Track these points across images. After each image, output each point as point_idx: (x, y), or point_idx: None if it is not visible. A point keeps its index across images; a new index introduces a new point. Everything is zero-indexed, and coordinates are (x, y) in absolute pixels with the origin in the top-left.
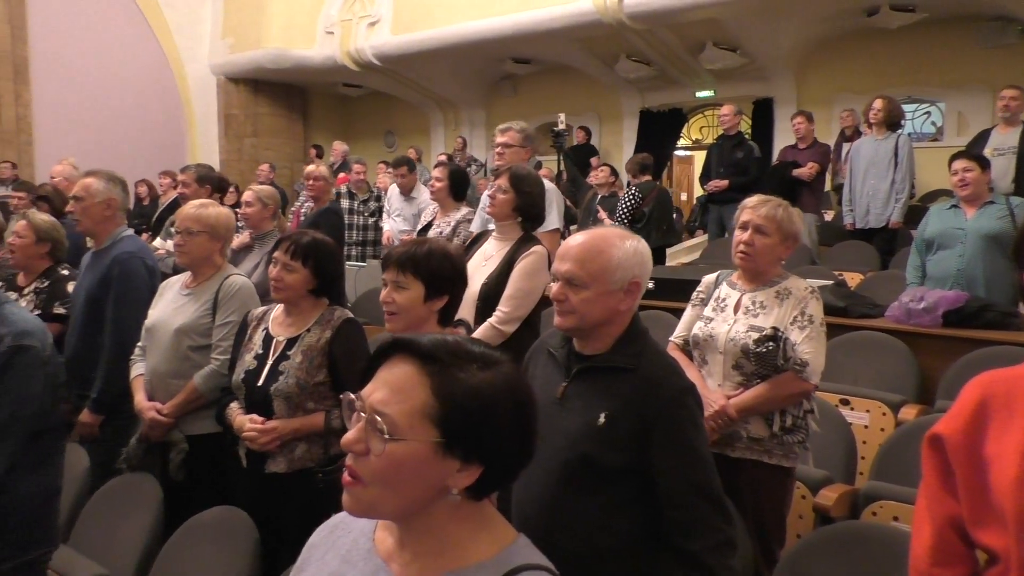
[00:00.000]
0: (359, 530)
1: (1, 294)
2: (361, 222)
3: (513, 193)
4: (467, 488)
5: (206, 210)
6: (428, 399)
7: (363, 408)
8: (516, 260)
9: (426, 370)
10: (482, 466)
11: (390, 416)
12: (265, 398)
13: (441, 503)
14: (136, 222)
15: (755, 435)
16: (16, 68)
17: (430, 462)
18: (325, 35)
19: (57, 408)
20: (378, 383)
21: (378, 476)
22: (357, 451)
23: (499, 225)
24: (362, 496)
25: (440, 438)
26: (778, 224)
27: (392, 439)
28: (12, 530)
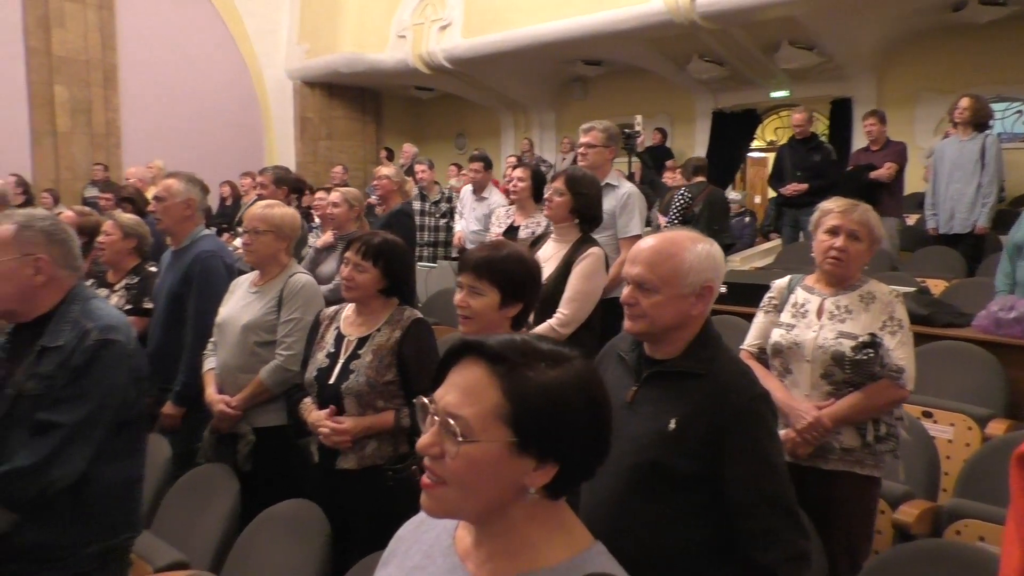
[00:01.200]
0: (442, 526)
1: (89, 290)
2: (432, 223)
3: (569, 195)
4: (545, 488)
5: (272, 210)
6: (499, 400)
7: (436, 411)
8: (574, 262)
9: (496, 371)
10: (558, 464)
11: (463, 419)
12: (336, 396)
13: (519, 503)
14: (219, 221)
15: (847, 445)
16: (106, 75)
17: (505, 462)
18: (397, 39)
19: (140, 400)
20: (449, 386)
21: (455, 478)
22: (432, 454)
23: (557, 227)
24: (441, 498)
25: (513, 438)
26: (869, 229)
27: (466, 441)
28: (98, 515)
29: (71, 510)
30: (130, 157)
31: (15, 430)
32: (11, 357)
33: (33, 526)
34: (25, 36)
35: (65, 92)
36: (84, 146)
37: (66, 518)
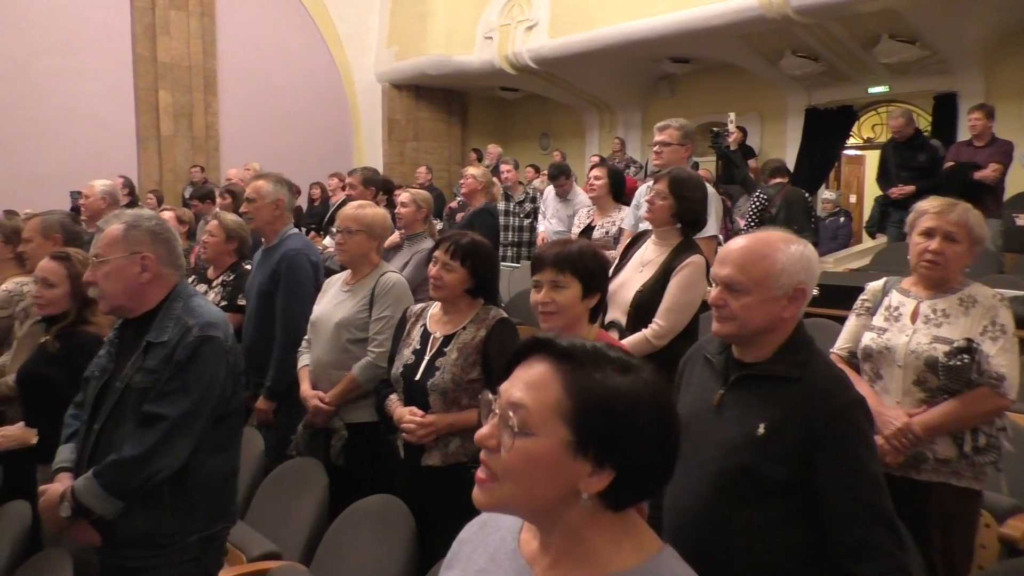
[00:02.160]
0: (506, 528)
1: (191, 288)
2: (516, 223)
3: (672, 199)
4: (601, 496)
5: (364, 210)
6: (561, 396)
7: (498, 405)
8: (673, 270)
9: (561, 368)
10: (614, 472)
11: (522, 412)
12: (422, 392)
13: (575, 508)
14: (308, 222)
15: (942, 456)
16: (206, 80)
17: (560, 462)
18: (484, 40)
19: (237, 394)
20: (514, 380)
21: (508, 472)
22: (490, 446)
23: (657, 231)
24: (492, 491)
25: (571, 437)
26: (968, 230)
27: (522, 434)
28: (198, 505)
29: (173, 499)
30: (228, 159)
31: (123, 422)
32: (119, 352)
33: (139, 514)
34: (133, 44)
35: (168, 97)
36: (185, 149)
37: (169, 507)
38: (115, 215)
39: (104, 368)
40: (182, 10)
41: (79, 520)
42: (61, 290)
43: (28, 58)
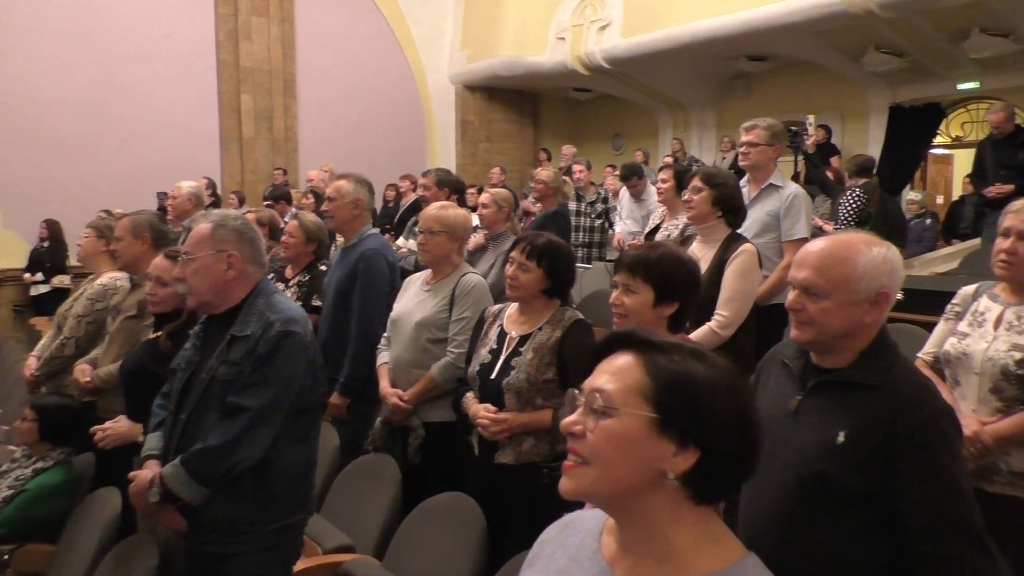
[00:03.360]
0: (587, 530)
1: (272, 285)
2: (587, 224)
3: (708, 189)
4: (687, 482)
5: (446, 211)
6: (642, 378)
7: (582, 398)
8: (726, 261)
9: (641, 353)
10: (699, 451)
11: (606, 392)
12: (497, 391)
13: (659, 496)
14: (382, 222)
15: (1017, 468)
16: (286, 83)
17: (644, 439)
18: (556, 41)
19: (316, 389)
20: (598, 373)
21: (595, 453)
22: (576, 432)
23: (702, 228)
24: (580, 476)
25: (653, 414)
26: None
27: (606, 414)
28: (278, 495)
29: (254, 489)
30: (306, 160)
31: (208, 412)
32: (205, 345)
33: (222, 502)
34: (217, 50)
35: (250, 101)
36: (266, 151)
37: (249, 496)
38: (203, 215)
39: (190, 360)
40: (263, 16)
41: (167, 506)
42: (172, 288)
43: (118, 64)
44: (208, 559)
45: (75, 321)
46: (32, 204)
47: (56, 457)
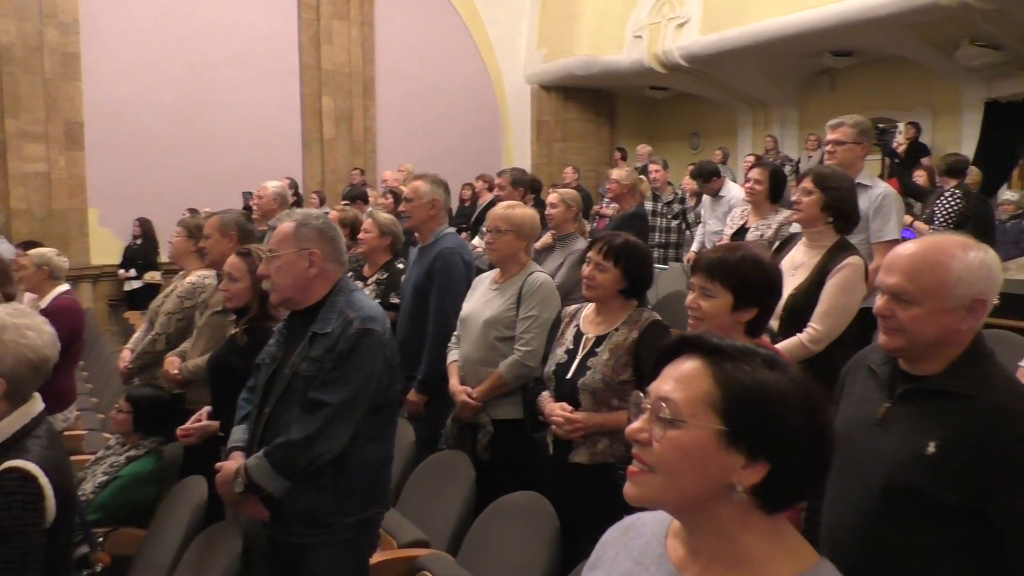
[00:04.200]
0: (651, 533)
1: (352, 283)
2: (664, 224)
3: (819, 192)
4: (756, 494)
5: (513, 210)
6: (711, 388)
7: (648, 402)
8: (829, 272)
9: (710, 361)
10: (768, 464)
11: (673, 402)
12: (572, 391)
13: (728, 506)
14: (458, 222)
15: None
16: (365, 85)
17: (712, 452)
18: (633, 39)
19: (393, 386)
20: (664, 378)
21: (661, 463)
22: (641, 440)
23: (808, 232)
24: (645, 484)
25: (722, 427)
26: None
27: (673, 424)
28: (356, 489)
29: (333, 482)
30: (384, 161)
31: (290, 406)
32: (288, 341)
33: (302, 494)
34: (300, 54)
35: (331, 103)
36: (345, 151)
37: (329, 489)
38: (287, 214)
39: (274, 356)
40: (344, 19)
41: (250, 496)
42: (243, 284)
43: (208, 68)
44: (289, 549)
45: (165, 318)
46: (126, 203)
47: (148, 446)
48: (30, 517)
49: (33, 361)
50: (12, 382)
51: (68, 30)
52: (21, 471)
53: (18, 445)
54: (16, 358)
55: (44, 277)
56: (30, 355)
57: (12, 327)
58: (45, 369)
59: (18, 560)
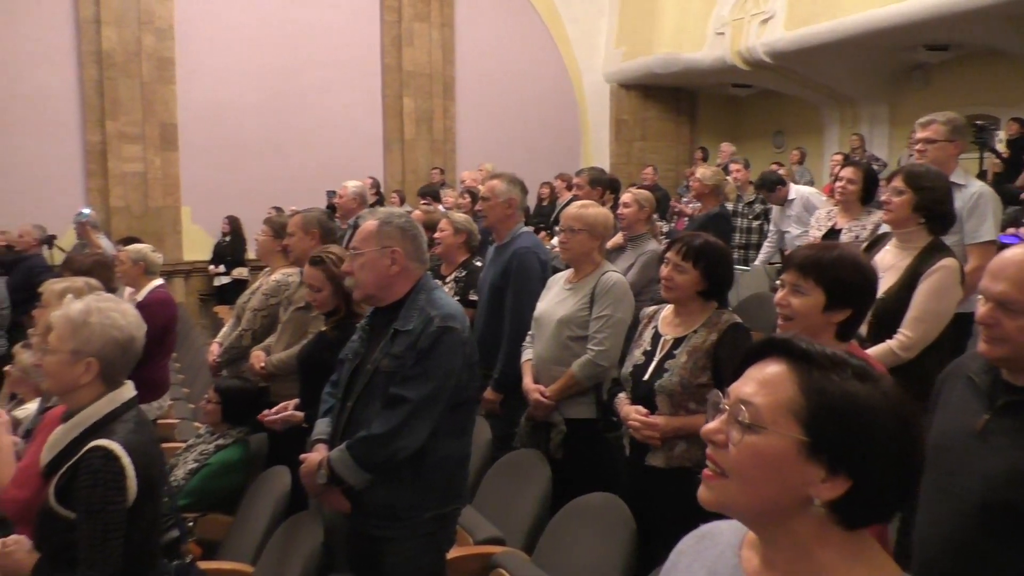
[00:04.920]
0: (726, 543)
1: (433, 282)
2: (745, 224)
3: (911, 192)
4: (835, 509)
5: (587, 210)
6: (795, 395)
7: (727, 404)
8: (921, 274)
9: (796, 367)
10: (850, 480)
11: (754, 406)
12: (649, 393)
13: (804, 518)
14: (536, 221)
15: None
16: (445, 86)
17: (790, 463)
18: (715, 36)
19: (472, 384)
20: (746, 379)
21: (736, 468)
22: (717, 441)
23: (899, 232)
24: (719, 489)
25: (804, 437)
26: None
27: (752, 429)
28: (434, 485)
29: (412, 477)
30: (463, 161)
31: (372, 401)
32: (370, 337)
33: (382, 487)
34: (382, 56)
35: (412, 103)
36: (425, 151)
37: (408, 484)
38: (370, 212)
39: (356, 352)
40: (425, 21)
41: (332, 487)
42: (326, 291)
43: (296, 71)
44: (368, 541)
45: (251, 314)
46: (216, 202)
47: (235, 436)
48: (112, 495)
49: (120, 341)
50: (104, 362)
51: (164, 36)
52: (105, 450)
53: (107, 427)
54: (104, 339)
55: (140, 272)
56: (117, 335)
57: (97, 310)
58: (133, 350)
59: (100, 535)
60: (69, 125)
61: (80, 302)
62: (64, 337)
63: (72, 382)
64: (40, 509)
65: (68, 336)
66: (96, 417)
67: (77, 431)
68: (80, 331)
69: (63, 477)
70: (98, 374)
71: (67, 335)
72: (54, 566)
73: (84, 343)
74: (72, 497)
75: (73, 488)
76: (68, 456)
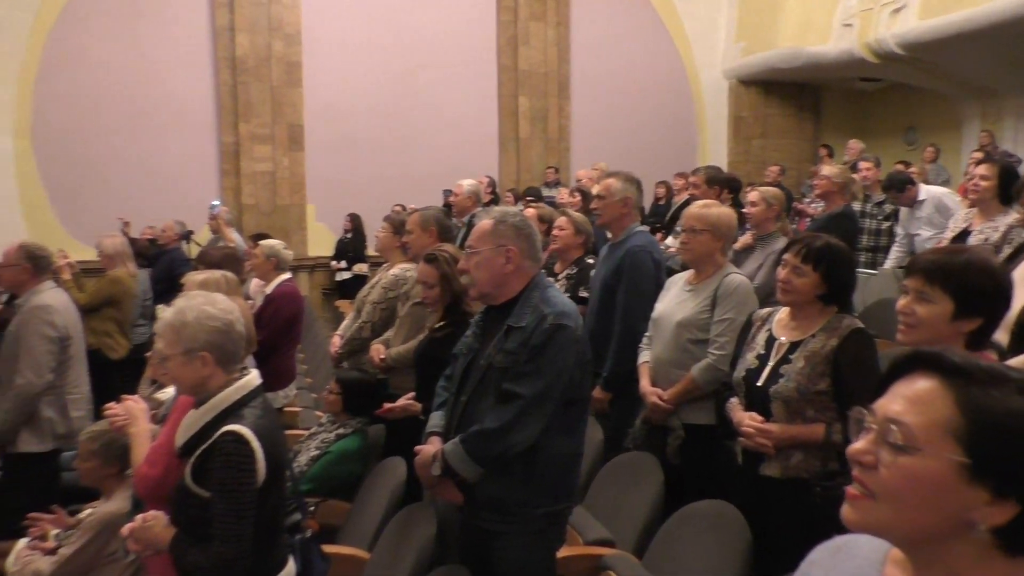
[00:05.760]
0: (864, 558)
1: (547, 279)
2: (874, 226)
3: None
4: (999, 534)
5: (709, 210)
6: (952, 414)
7: (873, 421)
8: None
9: (951, 384)
10: (1020, 506)
11: (906, 426)
12: (763, 399)
13: (964, 543)
14: (651, 220)
15: None
16: (560, 85)
17: (950, 486)
18: (842, 28)
19: (584, 382)
20: (893, 396)
21: (887, 491)
22: (865, 462)
23: None
24: (867, 511)
25: (965, 459)
26: None
27: (906, 451)
28: (545, 482)
29: (524, 473)
30: (577, 159)
31: (485, 396)
32: (484, 333)
33: (495, 481)
34: (498, 55)
35: (527, 103)
36: (540, 151)
37: (520, 479)
38: (485, 211)
39: (470, 347)
40: (541, 21)
41: (446, 479)
42: (438, 289)
43: (413, 72)
44: (480, 534)
45: (371, 307)
46: (339, 200)
47: (355, 425)
48: (244, 476)
49: (220, 328)
50: (214, 351)
51: (292, 41)
52: (236, 434)
53: (237, 413)
54: (206, 331)
55: (271, 267)
56: (215, 324)
57: (190, 308)
58: (235, 331)
59: (234, 513)
60: (206, 127)
61: (173, 308)
62: (172, 342)
63: (197, 378)
64: (176, 487)
65: (175, 340)
66: (227, 403)
67: (210, 416)
68: (182, 332)
69: (198, 459)
70: (215, 362)
71: (173, 339)
72: (190, 541)
73: (191, 341)
74: (207, 478)
75: (208, 469)
76: (202, 439)
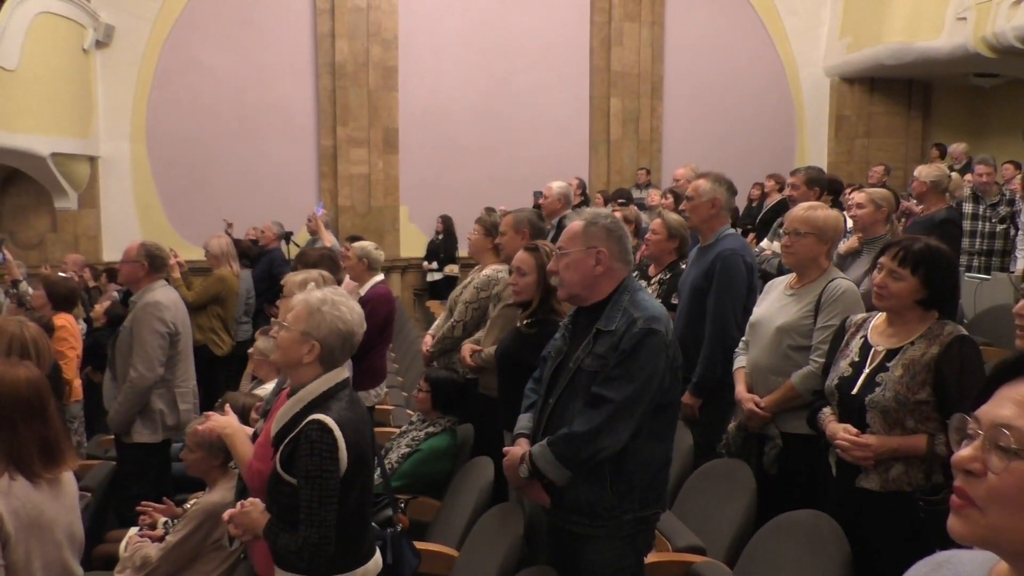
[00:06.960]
0: (967, 575)
1: (637, 283)
2: (987, 229)
3: None
4: None
5: (815, 212)
6: None
7: (978, 428)
8: None
9: None
10: None
11: (1017, 429)
12: (859, 408)
13: None
14: (745, 222)
15: None
16: (653, 85)
17: None
18: (956, 22)
19: (674, 387)
20: (1000, 400)
21: (998, 498)
22: (973, 470)
23: None
24: (976, 521)
25: None
26: None
27: (1020, 455)
28: (634, 487)
29: (614, 477)
30: (669, 161)
31: (574, 399)
32: (573, 336)
33: (583, 485)
34: (591, 56)
35: (619, 104)
36: (631, 152)
37: (608, 484)
38: (576, 212)
39: (559, 350)
40: (635, 21)
41: (534, 481)
42: (531, 278)
43: (509, 75)
44: (567, 537)
45: (463, 307)
46: (431, 202)
47: (444, 424)
48: (327, 464)
49: (343, 332)
50: (325, 348)
51: (389, 46)
52: (321, 423)
53: (323, 404)
54: (330, 328)
55: (364, 268)
56: (341, 327)
57: (332, 303)
58: (351, 342)
59: (318, 499)
60: (306, 131)
61: (320, 292)
62: (300, 318)
63: (296, 359)
64: (270, 475)
65: (303, 318)
66: (315, 395)
67: (299, 406)
68: (313, 316)
69: (287, 447)
70: (318, 357)
71: (303, 317)
72: (281, 526)
73: (314, 327)
74: (294, 465)
75: (295, 457)
76: (291, 429)
